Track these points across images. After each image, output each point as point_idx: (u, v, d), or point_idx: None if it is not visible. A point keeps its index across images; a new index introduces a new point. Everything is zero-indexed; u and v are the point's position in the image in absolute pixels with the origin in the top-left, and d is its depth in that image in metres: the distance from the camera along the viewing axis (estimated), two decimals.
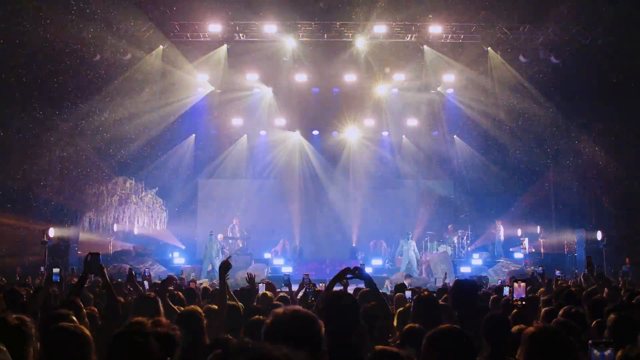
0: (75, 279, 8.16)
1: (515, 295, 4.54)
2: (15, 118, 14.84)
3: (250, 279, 5.60)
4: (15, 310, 3.86)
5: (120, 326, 2.19)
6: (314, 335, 1.76)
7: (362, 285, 6.66)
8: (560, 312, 4.07)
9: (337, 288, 3.66)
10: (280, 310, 1.82)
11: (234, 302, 4.68)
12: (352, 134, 20.25)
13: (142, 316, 2.43)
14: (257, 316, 3.76)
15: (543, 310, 4.60)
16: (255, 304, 5.57)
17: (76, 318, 3.50)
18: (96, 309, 4.48)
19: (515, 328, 3.37)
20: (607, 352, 2.28)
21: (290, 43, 17.27)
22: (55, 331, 2.74)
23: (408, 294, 5.34)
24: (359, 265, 3.97)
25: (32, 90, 14.80)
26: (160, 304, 3.80)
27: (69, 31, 14.42)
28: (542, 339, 2.45)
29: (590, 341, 2.31)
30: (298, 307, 1.88)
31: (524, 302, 4.28)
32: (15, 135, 14.97)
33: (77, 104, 15.90)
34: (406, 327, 3.44)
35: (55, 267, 5.81)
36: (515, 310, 4.44)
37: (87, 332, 2.83)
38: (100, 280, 5.85)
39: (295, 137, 20.33)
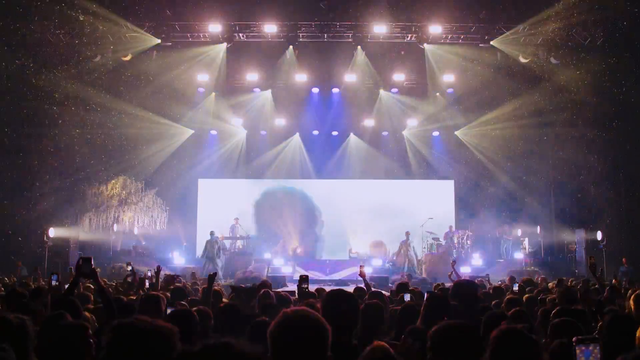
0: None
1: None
2: (15, 117, 14.84)
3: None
4: (16, 310, 3.86)
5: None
6: (322, 336, 1.75)
7: (362, 285, 6.72)
8: (554, 312, 4.05)
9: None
10: (289, 310, 1.81)
11: (234, 302, 4.68)
12: (352, 134, 20.25)
13: (145, 314, 2.42)
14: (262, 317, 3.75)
15: (540, 309, 4.61)
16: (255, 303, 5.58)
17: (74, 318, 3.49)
18: (89, 314, 4.41)
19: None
20: (592, 349, 2.15)
21: (290, 43, 17.26)
22: (55, 327, 2.77)
23: (407, 296, 5.33)
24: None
25: (32, 90, 14.80)
26: (163, 303, 3.80)
27: (70, 31, 14.45)
28: (507, 340, 2.35)
29: (574, 338, 2.20)
30: (307, 308, 1.87)
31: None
32: (15, 134, 14.97)
33: (78, 103, 15.91)
34: (409, 328, 3.44)
35: (53, 273, 5.96)
36: (513, 309, 4.45)
37: (87, 325, 2.85)
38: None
39: (295, 137, 20.33)
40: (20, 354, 2.45)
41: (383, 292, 6.47)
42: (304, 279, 4.94)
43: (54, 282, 5.84)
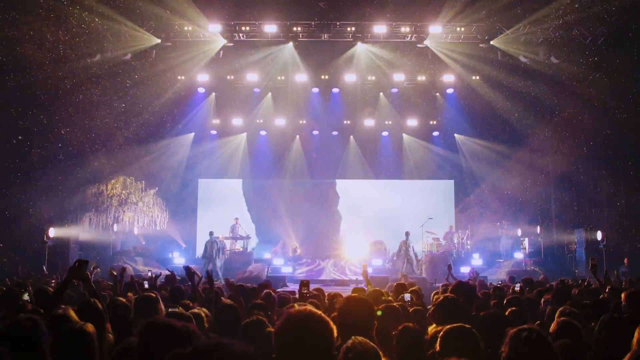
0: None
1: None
2: (14, 117, 14.82)
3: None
4: (14, 310, 3.85)
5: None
6: (328, 335, 1.74)
7: (362, 285, 6.73)
8: (558, 312, 4.06)
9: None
10: (293, 310, 1.80)
11: (231, 303, 4.67)
12: (352, 134, 20.25)
13: (142, 316, 2.42)
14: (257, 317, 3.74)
15: (549, 309, 4.61)
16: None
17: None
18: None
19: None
20: None
21: (290, 43, 17.26)
22: (64, 330, 2.76)
23: (407, 296, 5.35)
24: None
25: (30, 89, 14.77)
26: (160, 304, 3.78)
27: (70, 30, 14.44)
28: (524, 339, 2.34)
29: None
30: (311, 308, 1.86)
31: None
32: (15, 134, 14.96)
33: (77, 103, 15.89)
34: (401, 327, 3.44)
35: (24, 290, 5.74)
36: (510, 309, 4.46)
37: (92, 328, 2.83)
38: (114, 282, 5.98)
39: (295, 137, 20.34)
40: (35, 354, 2.43)
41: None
42: (304, 284, 4.96)
43: (25, 297, 5.30)
